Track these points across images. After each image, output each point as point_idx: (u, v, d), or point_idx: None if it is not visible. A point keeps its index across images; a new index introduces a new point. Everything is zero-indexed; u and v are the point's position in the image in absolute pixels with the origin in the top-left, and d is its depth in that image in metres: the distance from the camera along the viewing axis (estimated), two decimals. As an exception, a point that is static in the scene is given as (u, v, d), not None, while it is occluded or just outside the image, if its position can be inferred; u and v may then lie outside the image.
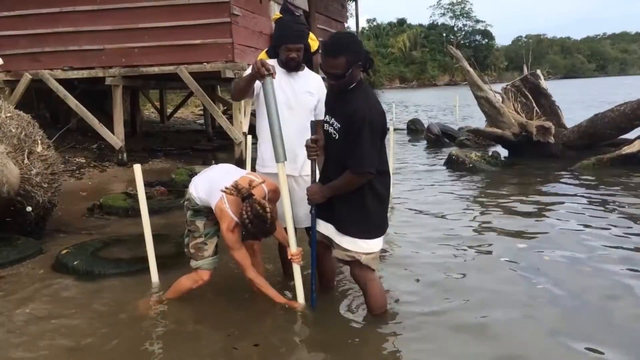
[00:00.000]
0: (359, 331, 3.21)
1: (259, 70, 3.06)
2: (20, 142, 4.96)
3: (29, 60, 9.27)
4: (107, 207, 6.26)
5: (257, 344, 3.06)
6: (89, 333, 3.24)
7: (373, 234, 3.12)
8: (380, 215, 3.12)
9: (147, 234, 3.87)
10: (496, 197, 6.70)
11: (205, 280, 3.40)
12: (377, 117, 2.92)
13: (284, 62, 3.48)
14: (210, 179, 3.33)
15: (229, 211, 3.12)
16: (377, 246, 3.16)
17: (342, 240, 3.13)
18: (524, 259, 4.33)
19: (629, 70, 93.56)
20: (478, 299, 3.58)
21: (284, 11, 3.56)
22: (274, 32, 3.61)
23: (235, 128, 9.13)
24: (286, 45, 3.42)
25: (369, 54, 3.03)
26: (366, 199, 3.01)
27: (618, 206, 5.96)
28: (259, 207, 3.01)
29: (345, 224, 3.11)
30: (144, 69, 9.04)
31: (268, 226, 3.06)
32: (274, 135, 3.14)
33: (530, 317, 3.33)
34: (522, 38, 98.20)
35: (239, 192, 3.05)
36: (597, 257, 4.32)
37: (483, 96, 9.69)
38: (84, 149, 10.11)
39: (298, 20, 3.53)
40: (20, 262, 4.49)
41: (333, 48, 2.93)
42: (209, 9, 8.71)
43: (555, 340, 3.03)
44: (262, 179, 3.22)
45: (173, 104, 17.97)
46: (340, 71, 2.90)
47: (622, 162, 8.14)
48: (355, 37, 3.11)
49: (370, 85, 3.14)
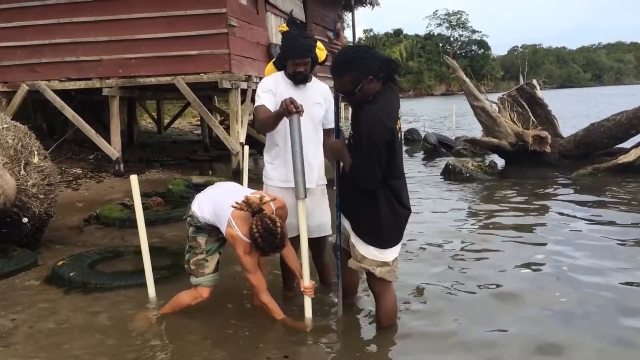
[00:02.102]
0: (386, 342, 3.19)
1: (288, 108, 3.05)
2: (16, 153, 4.95)
3: (26, 71, 9.28)
4: (103, 218, 6.24)
5: (287, 355, 3.03)
6: (84, 347, 3.21)
7: (386, 244, 3.09)
8: (393, 225, 3.07)
9: (144, 246, 3.85)
10: (493, 206, 6.71)
11: (205, 297, 3.38)
12: (380, 131, 2.83)
13: (291, 75, 3.47)
14: (214, 201, 3.28)
15: (240, 234, 3.10)
16: (391, 256, 3.12)
17: (357, 242, 3.13)
18: (524, 266, 4.32)
19: (625, 79, 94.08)
20: (483, 314, 3.57)
21: (290, 23, 3.50)
22: (281, 46, 3.55)
23: (232, 138, 9.13)
24: (293, 59, 3.41)
25: (390, 62, 2.95)
26: (379, 208, 2.99)
27: (615, 213, 5.97)
28: (269, 221, 3.01)
29: (359, 229, 3.12)
30: (141, 80, 9.04)
31: (278, 241, 3.04)
32: (297, 172, 3.15)
33: (540, 329, 3.31)
34: (518, 48, 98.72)
35: (249, 206, 3.05)
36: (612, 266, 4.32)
37: (479, 106, 9.72)
38: (81, 160, 10.10)
39: (304, 34, 3.48)
40: (15, 273, 4.46)
41: (336, 67, 2.91)
42: (205, 20, 8.74)
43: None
44: (272, 197, 3.23)
45: (170, 114, 17.98)
46: (348, 89, 2.88)
47: (619, 171, 8.17)
48: (364, 50, 2.95)
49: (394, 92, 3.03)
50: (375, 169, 2.87)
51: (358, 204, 3.08)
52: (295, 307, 3.56)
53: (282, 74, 3.52)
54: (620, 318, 3.41)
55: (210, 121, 9.75)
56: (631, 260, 4.48)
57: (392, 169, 2.95)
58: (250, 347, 3.15)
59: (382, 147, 2.85)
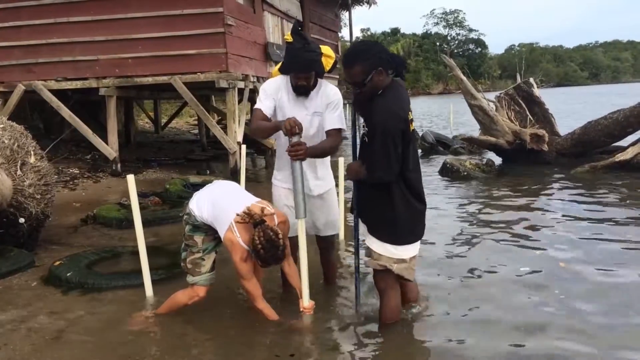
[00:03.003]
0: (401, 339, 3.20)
1: (291, 130, 3.06)
2: (13, 154, 4.93)
3: (22, 71, 9.25)
4: (101, 218, 6.22)
5: (293, 354, 3.03)
6: (81, 347, 3.21)
7: (401, 240, 3.07)
8: (409, 220, 3.05)
9: (141, 246, 3.84)
10: (490, 204, 6.71)
11: (201, 296, 3.36)
12: (394, 123, 2.87)
13: (293, 87, 3.41)
14: (214, 202, 3.26)
15: (240, 241, 3.10)
16: (407, 253, 3.10)
17: (372, 242, 3.11)
18: (529, 266, 4.33)
19: (621, 78, 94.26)
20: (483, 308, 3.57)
21: (294, 34, 3.38)
22: (284, 58, 3.47)
23: (229, 138, 9.12)
24: (295, 73, 3.35)
25: (398, 57, 3.00)
26: (394, 202, 2.98)
27: (612, 211, 5.98)
28: (271, 232, 3.01)
29: (374, 226, 3.12)
30: (137, 79, 9.02)
31: (280, 252, 3.06)
32: (297, 192, 3.18)
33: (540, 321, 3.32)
34: (515, 47, 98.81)
35: (251, 218, 3.04)
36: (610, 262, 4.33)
37: (477, 105, 9.73)
38: (78, 160, 10.07)
39: (308, 48, 3.32)
40: (13, 274, 4.45)
41: (347, 58, 2.97)
42: (202, 19, 8.72)
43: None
44: (274, 210, 3.24)
45: (167, 114, 17.96)
46: (358, 79, 2.92)
47: (616, 169, 8.18)
48: (373, 44, 3.04)
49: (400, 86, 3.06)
50: (392, 160, 2.88)
51: (373, 202, 3.07)
52: (295, 305, 3.54)
53: (287, 79, 3.45)
54: (621, 317, 3.41)
55: (208, 121, 9.74)
56: (627, 255, 4.48)
57: (407, 162, 2.95)
58: (257, 347, 3.14)
59: (397, 136, 2.87)
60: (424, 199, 3.11)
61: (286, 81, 3.44)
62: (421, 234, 3.17)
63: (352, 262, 4.18)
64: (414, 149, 3.04)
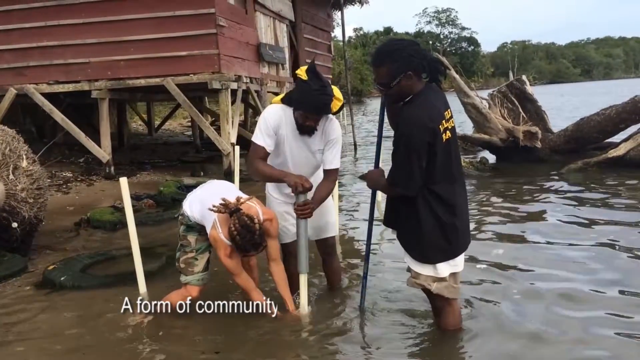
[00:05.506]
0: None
1: (297, 189, 3.08)
2: (5, 158, 4.90)
3: (13, 74, 9.20)
4: (94, 222, 6.19)
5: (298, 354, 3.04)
6: (74, 350, 3.19)
7: (432, 258, 2.84)
8: (440, 236, 2.80)
9: (135, 248, 3.82)
10: (485, 202, 6.73)
11: (194, 296, 3.34)
12: (420, 136, 2.65)
13: (298, 125, 3.25)
14: (203, 200, 3.26)
15: (222, 237, 3.10)
16: (445, 271, 2.87)
17: (408, 260, 2.96)
18: (519, 262, 4.34)
19: (614, 74, 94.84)
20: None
21: (310, 73, 3.13)
22: (295, 92, 3.25)
23: (223, 139, 9.10)
24: (305, 113, 3.18)
25: (434, 62, 2.79)
26: (419, 217, 2.79)
27: (605, 206, 6.02)
28: (246, 217, 3.01)
29: (405, 244, 2.95)
30: (130, 82, 8.99)
31: (257, 237, 3.03)
32: (300, 247, 3.22)
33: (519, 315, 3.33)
34: (508, 44, 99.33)
35: (226, 207, 3.04)
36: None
37: (470, 102, 9.73)
38: (71, 163, 10.03)
39: (325, 91, 3.11)
40: (6, 279, 4.42)
41: (375, 57, 2.79)
42: (194, 20, 8.70)
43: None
44: (258, 203, 3.24)
45: (160, 116, 17.91)
46: (384, 81, 2.74)
47: (609, 165, 8.21)
48: (407, 43, 2.76)
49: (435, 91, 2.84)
50: (414, 174, 2.69)
51: (400, 216, 2.90)
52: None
53: (289, 111, 3.26)
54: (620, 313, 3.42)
55: (201, 122, 9.72)
56: (622, 254, 4.50)
57: (433, 174, 2.73)
58: (257, 350, 3.13)
59: (423, 149, 2.66)
60: (459, 211, 2.84)
61: (289, 114, 3.26)
62: (461, 249, 2.92)
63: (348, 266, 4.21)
64: (446, 159, 2.75)
